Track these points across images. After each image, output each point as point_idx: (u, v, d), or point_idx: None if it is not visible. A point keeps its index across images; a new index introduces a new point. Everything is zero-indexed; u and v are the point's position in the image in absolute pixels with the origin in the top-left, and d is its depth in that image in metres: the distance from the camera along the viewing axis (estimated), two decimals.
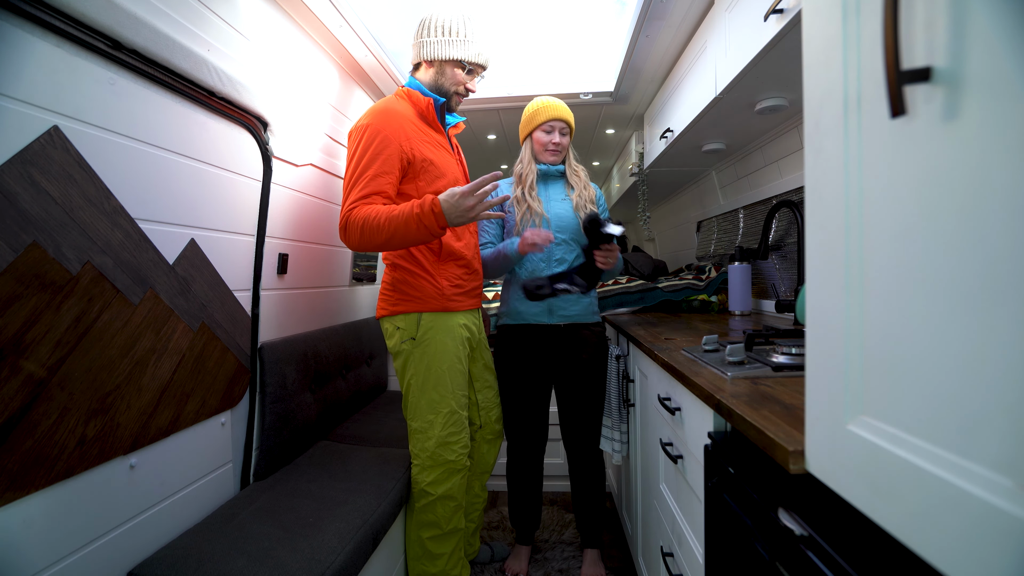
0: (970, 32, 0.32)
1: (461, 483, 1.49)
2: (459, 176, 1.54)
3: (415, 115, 1.44)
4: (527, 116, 1.69)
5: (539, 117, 1.65)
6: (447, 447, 1.44)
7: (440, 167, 1.44)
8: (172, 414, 1.15)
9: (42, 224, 0.86)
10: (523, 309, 1.62)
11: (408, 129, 1.38)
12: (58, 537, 0.90)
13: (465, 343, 1.50)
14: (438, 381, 1.43)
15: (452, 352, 1.45)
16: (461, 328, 1.48)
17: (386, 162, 1.32)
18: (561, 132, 1.66)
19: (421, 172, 1.40)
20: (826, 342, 0.48)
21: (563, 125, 1.65)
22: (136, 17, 0.99)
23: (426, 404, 1.43)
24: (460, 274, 1.49)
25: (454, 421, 1.45)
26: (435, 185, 1.42)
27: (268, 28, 1.47)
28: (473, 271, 1.55)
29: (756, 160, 2.01)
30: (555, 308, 1.63)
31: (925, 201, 0.36)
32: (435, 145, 1.47)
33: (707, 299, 2.14)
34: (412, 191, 1.39)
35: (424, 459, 1.45)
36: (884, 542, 0.43)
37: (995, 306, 0.30)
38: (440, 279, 1.45)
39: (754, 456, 0.71)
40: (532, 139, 1.68)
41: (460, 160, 1.62)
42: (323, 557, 1.08)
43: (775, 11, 1.04)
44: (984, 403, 0.31)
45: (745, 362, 0.91)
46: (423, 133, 1.44)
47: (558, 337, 1.64)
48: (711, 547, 0.83)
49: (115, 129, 1.00)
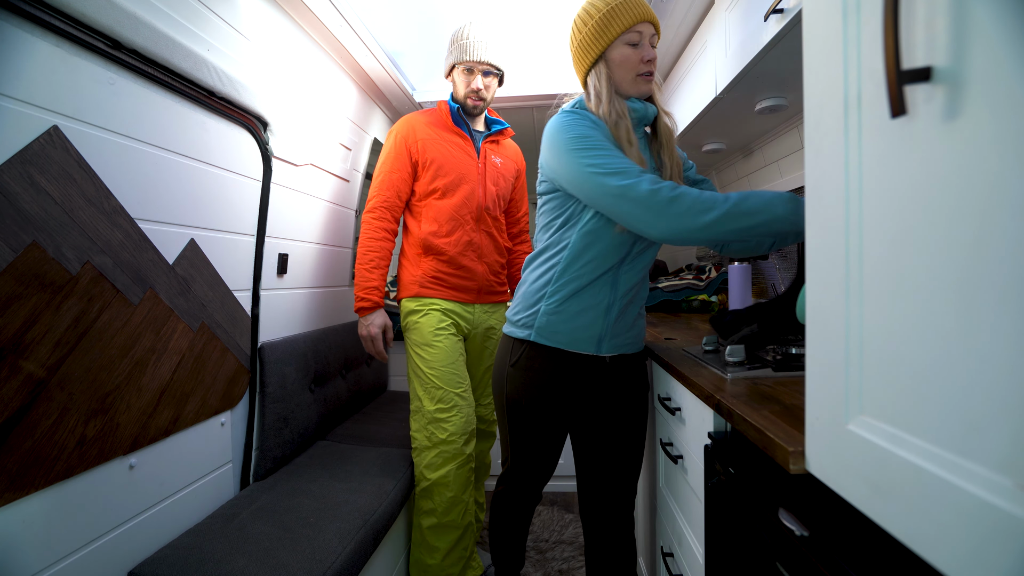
0: (970, 32, 0.32)
1: (460, 474, 1.49)
2: (471, 180, 1.61)
3: (436, 121, 1.62)
4: (594, 24, 1.04)
5: (619, 20, 1.03)
6: (437, 425, 1.48)
7: (446, 168, 1.57)
8: (172, 414, 1.15)
9: (42, 224, 0.86)
10: (562, 328, 1.10)
11: (420, 132, 1.59)
12: (58, 537, 0.90)
13: (450, 326, 1.58)
14: (422, 359, 1.53)
15: (429, 331, 1.54)
16: (440, 313, 1.57)
17: (397, 160, 1.59)
18: (652, 42, 1.06)
19: (423, 171, 1.59)
20: (826, 342, 0.48)
21: (653, 31, 1.06)
22: (136, 17, 0.98)
23: (417, 383, 1.55)
24: (440, 268, 1.58)
25: (440, 398, 1.49)
26: (434, 184, 1.58)
27: (268, 28, 1.47)
28: (460, 268, 1.59)
29: (756, 160, 2.01)
30: (607, 333, 1.11)
31: (925, 201, 0.36)
32: (450, 147, 1.60)
33: (707, 299, 2.14)
34: (416, 188, 1.61)
35: (420, 440, 1.51)
36: (884, 542, 0.43)
37: (995, 306, 0.30)
38: (417, 270, 1.60)
39: (754, 456, 0.71)
40: (607, 61, 1.06)
41: (486, 163, 1.65)
42: (324, 557, 1.08)
43: (775, 11, 1.04)
44: (984, 403, 0.31)
45: (745, 362, 0.91)
46: (438, 137, 1.60)
47: (600, 372, 1.14)
48: (711, 547, 0.83)
49: (115, 129, 1.00)
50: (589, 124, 1.02)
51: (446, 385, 1.51)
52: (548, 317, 1.10)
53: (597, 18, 1.04)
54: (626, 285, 1.10)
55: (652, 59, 1.04)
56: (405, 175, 1.59)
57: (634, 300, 1.13)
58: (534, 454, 1.22)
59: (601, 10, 1.03)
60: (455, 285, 1.60)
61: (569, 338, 1.10)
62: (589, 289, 1.08)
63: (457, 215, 1.58)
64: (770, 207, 0.88)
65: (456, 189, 1.58)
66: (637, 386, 1.20)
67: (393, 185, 1.58)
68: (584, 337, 1.10)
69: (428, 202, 1.60)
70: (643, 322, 1.20)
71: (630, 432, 1.20)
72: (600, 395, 1.17)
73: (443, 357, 1.53)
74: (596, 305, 1.09)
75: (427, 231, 1.58)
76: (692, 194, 0.91)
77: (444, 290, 1.59)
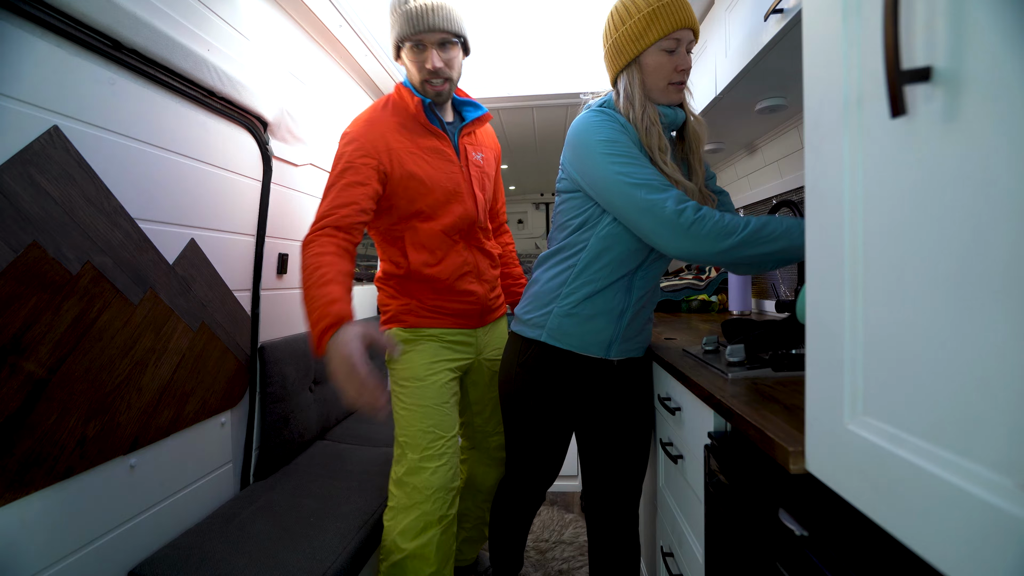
0: (970, 32, 0.32)
1: (443, 542, 1.21)
2: (457, 189, 1.28)
3: (405, 120, 1.24)
4: (632, 26, 0.99)
5: (658, 25, 0.97)
6: (421, 477, 1.20)
7: (427, 182, 1.23)
8: (172, 414, 1.15)
9: (42, 224, 0.86)
10: (574, 331, 1.09)
11: (391, 140, 1.21)
12: (58, 537, 0.90)
13: (448, 361, 1.31)
14: (411, 396, 1.26)
15: (422, 364, 1.28)
16: (437, 344, 1.31)
17: (361, 173, 1.16)
18: (689, 48, 1.02)
19: (401, 190, 1.22)
20: (826, 342, 0.48)
21: (691, 37, 1.01)
22: (136, 17, 0.99)
23: (402, 425, 1.26)
24: (438, 296, 1.30)
25: (427, 444, 1.22)
26: (416, 205, 1.24)
27: (268, 28, 1.47)
28: (460, 292, 1.31)
29: (756, 160, 2.01)
30: (618, 338, 1.11)
31: (925, 201, 0.36)
32: (427, 154, 1.25)
33: (707, 299, 2.14)
34: (389, 210, 1.25)
35: (399, 497, 1.22)
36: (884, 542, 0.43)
37: (995, 306, 0.30)
38: (410, 299, 1.30)
39: (754, 456, 0.71)
40: (640, 65, 1.02)
41: (469, 165, 1.32)
42: (324, 557, 1.08)
43: (775, 11, 1.04)
44: (984, 403, 0.31)
45: (745, 362, 0.91)
46: (411, 143, 1.23)
47: (607, 375, 1.15)
48: (711, 547, 0.83)
49: (115, 129, 1.00)
50: (619, 127, 0.99)
51: (437, 428, 1.24)
52: (561, 319, 1.09)
53: (636, 19, 0.98)
54: (640, 291, 1.09)
55: (686, 68, 1.01)
56: (370, 191, 1.16)
57: (646, 306, 1.13)
58: (538, 454, 1.21)
59: (642, 10, 0.98)
60: (457, 311, 1.32)
61: (580, 341, 1.09)
62: (604, 293, 1.07)
63: (448, 238, 1.28)
64: (788, 235, 0.88)
65: (444, 207, 1.26)
66: (642, 388, 1.20)
67: (352, 200, 1.14)
68: (595, 341, 1.09)
69: (411, 225, 1.26)
70: (651, 326, 1.19)
71: (634, 434, 1.20)
72: (606, 397, 1.17)
73: (436, 396, 1.26)
74: (610, 310, 1.08)
75: (416, 261, 1.26)
76: (714, 218, 0.90)
77: (445, 318, 1.31)
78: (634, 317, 1.10)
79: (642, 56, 1.00)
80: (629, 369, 1.16)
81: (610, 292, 1.07)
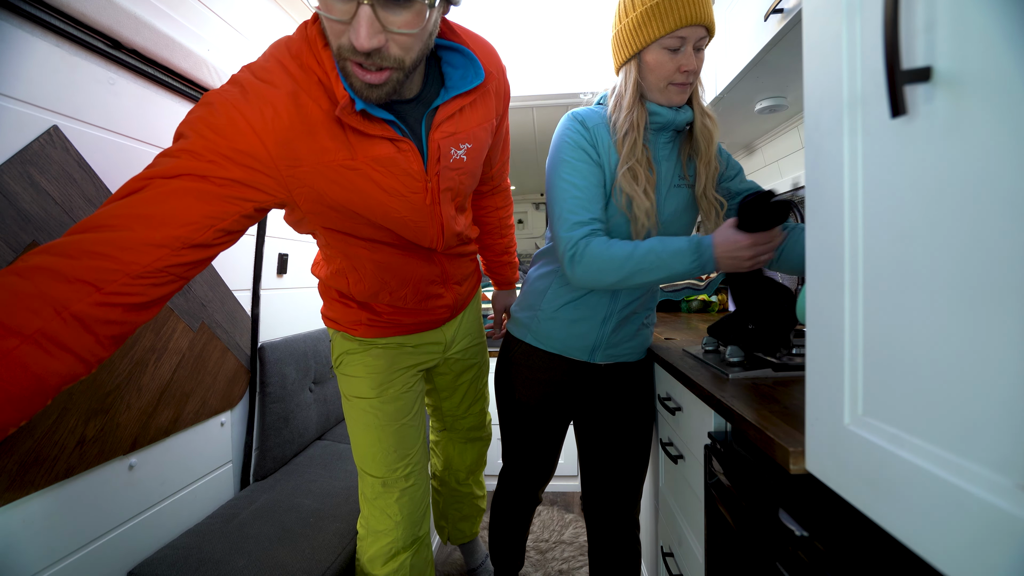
0: (970, 32, 0.32)
1: (417, 562, 1.12)
2: (415, 217, 0.86)
3: (324, 118, 0.72)
4: (634, 19, 0.91)
5: (659, 22, 0.88)
6: (387, 500, 1.08)
7: (367, 211, 0.81)
8: (172, 414, 1.15)
9: (42, 224, 0.86)
10: (557, 335, 1.08)
11: (299, 147, 0.72)
12: (58, 537, 0.90)
13: (408, 369, 1.13)
14: (362, 419, 1.09)
15: (377, 376, 1.08)
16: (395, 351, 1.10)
17: (235, 187, 0.69)
18: (697, 46, 0.91)
19: (310, 215, 0.83)
20: (826, 342, 0.48)
21: (703, 34, 0.90)
22: (136, 17, 0.99)
23: (355, 448, 1.12)
24: (394, 312, 1.06)
25: (390, 464, 1.09)
26: (351, 233, 0.88)
27: (269, 28, 1.47)
28: (424, 301, 1.06)
29: (756, 160, 2.01)
30: (602, 343, 1.09)
31: (925, 201, 0.36)
32: (368, 168, 0.76)
33: (707, 299, 2.14)
34: (309, 226, 0.90)
35: (367, 516, 1.10)
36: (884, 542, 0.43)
37: (995, 306, 0.30)
38: (362, 311, 1.05)
39: (754, 456, 0.71)
40: (641, 61, 0.94)
41: (440, 174, 0.84)
42: (323, 557, 1.08)
43: (775, 11, 1.04)
44: (984, 403, 0.31)
45: (745, 362, 0.91)
46: (337, 149, 0.74)
47: (594, 377, 1.13)
48: (711, 547, 0.83)
49: (115, 129, 1.00)
50: (582, 139, 0.98)
51: (398, 449, 1.09)
52: (544, 323, 1.10)
53: (639, 12, 0.90)
54: (627, 298, 1.07)
55: (691, 69, 0.91)
56: (237, 207, 0.69)
57: (637, 311, 1.10)
58: (530, 452, 1.21)
59: (646, 3, 0.89)
60: (421, 321, 1.10)
61: (563, 344, 1.09)
62: (587, 299, 1.06)
63: (401, 269, 0.97)
64: (668, 265, 0.88)
65: (391, 239, 0.90)
66: (639, 391, 1.18)
67: (202, 213, 0.66)
68: (578, 345, 1.09)
69: (346, 247, 0.93)
70: (649, 331, 1.16)
71: (632, 435, 1.17)
72: (596, 398, 1.16)
73: (393, 414, 1.09)
74: (592, 316, 1.07)
75: (359, 294, 1.00)
76: (597, 256, 0.90)
77: (407, 327, 1.09)
78: (622, 323, 1.09)
79: (643, 52, 0.93)
80: (620, 373, 1.14)
81: (593, 297, 1.05)
